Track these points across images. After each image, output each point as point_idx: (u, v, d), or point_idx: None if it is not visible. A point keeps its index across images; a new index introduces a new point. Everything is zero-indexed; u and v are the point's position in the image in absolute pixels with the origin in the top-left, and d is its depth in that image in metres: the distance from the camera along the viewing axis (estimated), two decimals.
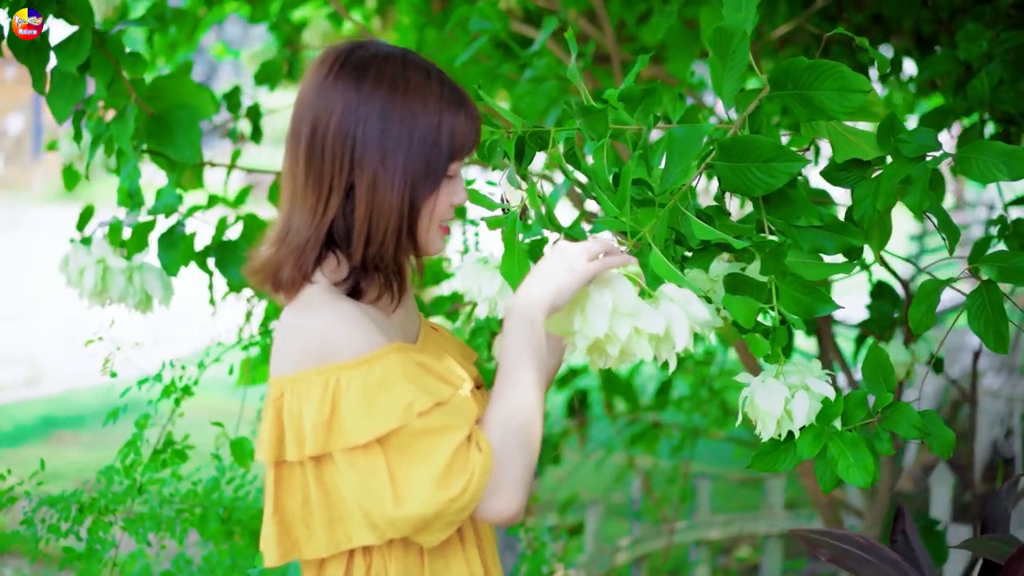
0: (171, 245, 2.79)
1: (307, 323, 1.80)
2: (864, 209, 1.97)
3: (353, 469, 1.74)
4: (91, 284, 2.66)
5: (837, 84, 1.84)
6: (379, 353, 1.77)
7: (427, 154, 1.81)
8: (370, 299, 1.89)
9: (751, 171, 1.86)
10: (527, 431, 1.79)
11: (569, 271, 1.78)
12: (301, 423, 1.77)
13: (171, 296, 2.77)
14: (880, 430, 1.94)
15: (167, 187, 2.81)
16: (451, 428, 1.74)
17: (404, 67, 1.84)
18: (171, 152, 2.77)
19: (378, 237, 1.82)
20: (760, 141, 1.85)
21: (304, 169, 1.83)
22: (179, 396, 2.85)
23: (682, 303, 1.80)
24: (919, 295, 1.97)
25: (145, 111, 2.75)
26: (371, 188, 1.80)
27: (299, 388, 1.77)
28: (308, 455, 1.76)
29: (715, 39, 1.88)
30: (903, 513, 2.37)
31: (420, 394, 1.75)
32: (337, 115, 1.80)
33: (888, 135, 1.93)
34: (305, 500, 1.84)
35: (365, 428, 1.72)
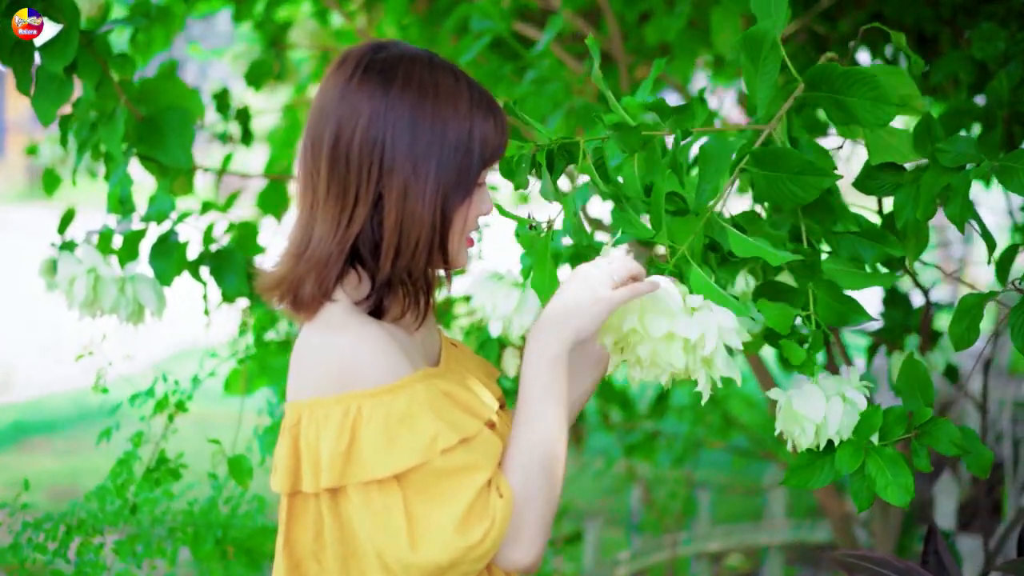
0: (164, 254, 2.67)
1: (328, 345, 1.69)
2: (906, 217, 1.92)
3: (367, 506, 1.64)
4: (82, 295, 2.54)
5: (872, 94, 1.79)
6: (404, 382, 1.67)
7: (459, 161, 1.70)
8: (393, 317, 1.78)
9: (784, 182, 1.82)
10: (549, 474, 1.69)
11: (595, 302, 1.70)
12: (318, 453, 1.66)
13: (164, 307, 2.65)
14: (918, 446, 1.87)
15: (159, 193, 2.70)
16: (474, 468, 1.64)
17: (432, 70, 1.73)
18: (163, 156, 2.66)
19: (408, 249, 1.71)
20: (791, 153, 1.80)
21: (326, 178, 1.71)
22: (172, 412, 2.73)
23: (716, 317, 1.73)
24: (960, 310, 1.89)
25: (135, 114, 2.63)
26: (401, 197, 1.68)
27: (317, 415, 1.66)
28: (323, 487, 1.66)
29: (746, 44, 1.81)
30: (935, 533, 2.27)
31: (445, 428, 1.65)
32: (364, 120, 1.68)
33: (925, 139, 1.86)
34: (318, 533, 1.73)
35: (385, 462, 1.62)
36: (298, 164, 1.77)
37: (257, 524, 2.81)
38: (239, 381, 3.09)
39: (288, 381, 1.76)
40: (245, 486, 2.72)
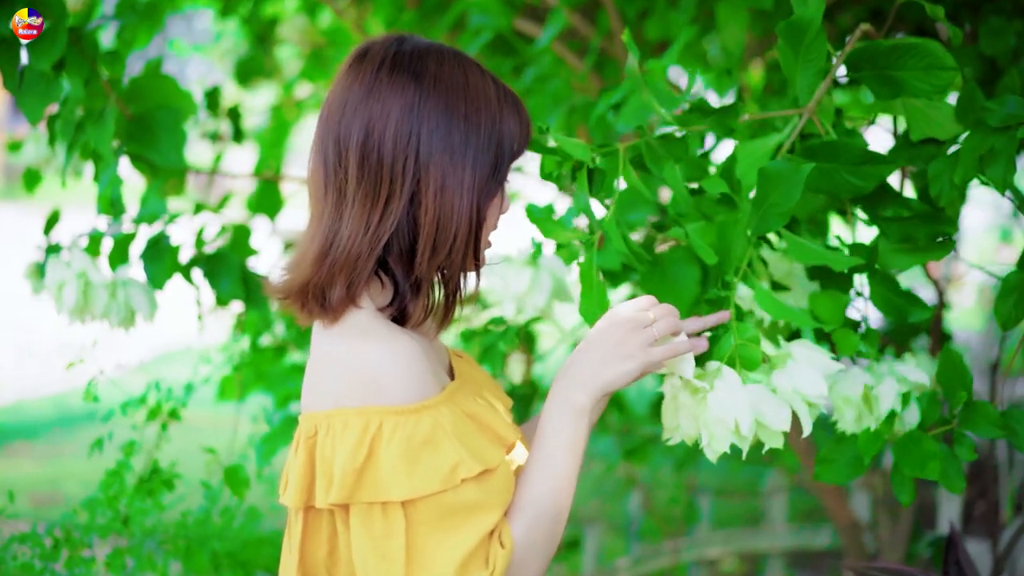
0: (156, 257, 2.60)
1: (354, 355, 1.61)
2: (941, 185, 1.88)
3: (367, 528, 1.57)
4: (72, 300, 2.46)
5: (923, 62, 1.79)
6: (431, 403, 1.59)
7: (493, 155, 1.65)
8: (415, 323, 1.71)
9: (840, 173, 1.81)
10: (552, 529, 1.64)
11: (628, 358, 1.66)
12: (332, 466, 1.58)
13: (155, 312, 2.57)
14: (959, 434, 1.85)
15: (151, 194, 2.61)
16: (484, 509, 1.58)
17: (460, 63, 1.67)
18: (154, 156, 2.57)
19: (446, 245, 1.64)
20: (849, 144, 1.79)
21: (356, 176, 1.63)
22: (165, 421, 2.64)
23: (799, 376, 1.71)
24: (1003, 289, 1.86)
25: (124, 113, 2.55)
26: (439, 193, 1.62)
27: (335, 427, 1.58)
28: (331, 503, 1.58)
29: (787, 32, 1.79)
30: (956, 542, 2.21)
31: (468, 457, 1.58)
32: (396, 115, 1.61)
33: (968, 108, 1.82)
34: (332, 549, 1.66)
35: (402, 485, 1.54)
36: (314, 163, 1.69)
37: (252, 535, 2.73)
38: (233, 387, 3.00)
39: (304, 390, 1.68)
40: (242, 497, 2.63)
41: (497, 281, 2.31)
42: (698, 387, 1.71)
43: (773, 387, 1.71)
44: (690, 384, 1.72)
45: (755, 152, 1.90)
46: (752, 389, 1.69)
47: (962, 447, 1.84)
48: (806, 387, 1.71)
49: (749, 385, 1.70)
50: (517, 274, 2.28)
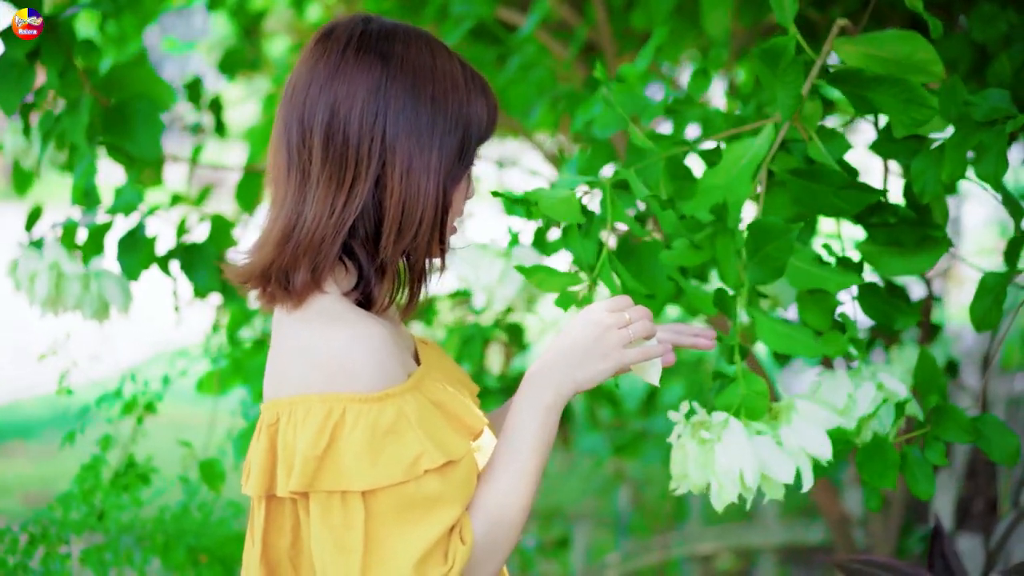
0: (131, 248, 2.56)
1: (319, 340, 1.57)
2: (925, 183, 1.86)
3: (325, 518, 1.53)
4: (44, 291, 2.43)
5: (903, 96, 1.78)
6: (396, 391, 1.55)
7: (460, 138, 1.62)
8: (380, 307, 1.67)
9: (827, 195, 1.85)
10: (513, 526, 1.60)
11: (603, 358, 1.63)
12: (293, 455, 1.54)
13: (130, 303, 2.54)
14: (931, 438, 1.83)
15: (127, 185, 2.58)
16: (446, 502, 1.54)
17: (428, 45, 1.64)
18: (130, 147, 2.53)
19: (411, 230, 1.61)
20: (834, 172, 1.83)
21: (320, 157, 1.59)
22: (141, 414, 2.60)
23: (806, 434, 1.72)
24: (980, 289, 1.84)
25: (100, 103, 2.51)
26: (404, 175, 1.59)
27: (297, 413, 1.54)
28: (290, 491, 1.54)
29: (764, 56, 1.81)
30: (941, 534, 2.18)
31: (431, 448, 1.54)
32: (363, 94, 1.58)
33: (951, 102, 1.78)
34: (295, 540, 1.63)
35: (364, 475, 1.51)
36: (277, 145, 1.65)
37: (231, 531, 2.69)
38: (212, 381, 2.96)
39: (266, 377, 1.64)
40: (218, 491, 2.60)
41: (468, 271, 2.27)
42: (705, 438, 1.71)
43: (779, 440, 1.72)
44: (697, 434, 1.72)
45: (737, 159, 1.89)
46: (758, 441, 1.71)
47: (933, 451, 1.81)
48: (811, 446, 1.72)
49: (756, 437, 1.71)
50: (488, 265, 2.24)
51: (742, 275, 1.84)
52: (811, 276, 1.86)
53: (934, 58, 1.80)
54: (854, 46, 1.85)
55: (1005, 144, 1.73)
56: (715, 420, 1.74)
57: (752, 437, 1.71)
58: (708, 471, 1.71)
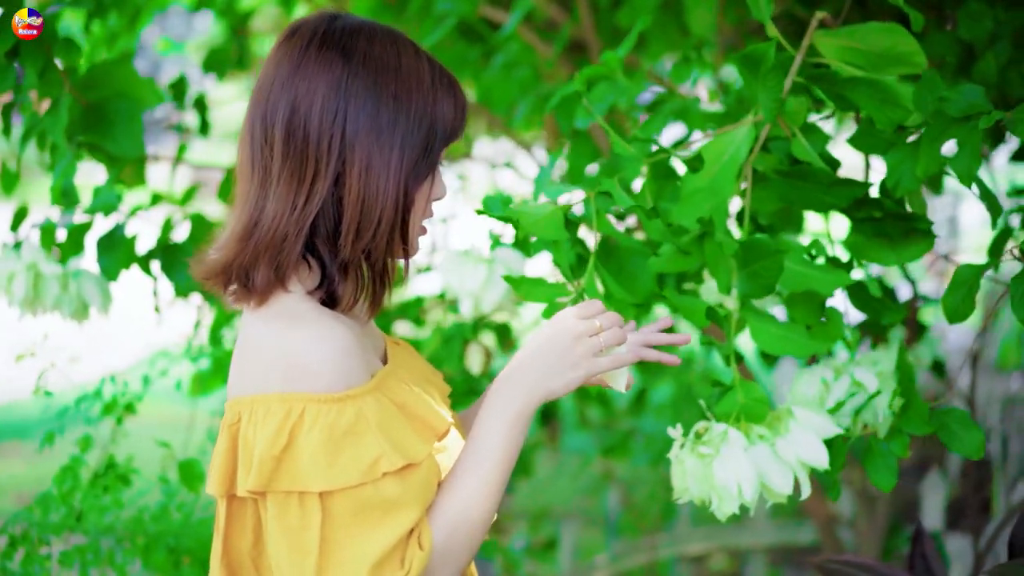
0: (110, 248, 2.54)
1: (281, 338, 1.55)
2: (900, 176, 1.85)
3: (281, 519, 1.52)
4: (22, 292, 2.41)
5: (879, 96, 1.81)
6: (357, 392, 1.53)
7: (422, 138, 1.59)
8: (345, 306, 1.65)
9: (813, 192, 1.86)
10: (473, 534, 1.59)
11: (573, 367, 1.62)
12: (252, 453, 1.52)
13: (110, 304, 2.52)
14: (895, 430, 1.84)
15: (105, 185, 2.56)
16: (404, 506, 1.52)
17: (393, 42, 1.61)
18: (110, 146, 2.52)
19: (370, 228, 1.58)
20: (821, 171, 1.83)
21: (281, 154, 1.57)
22: (121, 415, 2.59)
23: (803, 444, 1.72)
24: (955, 282, 1.83)
25: (80, 102, 2.50)
26: (364, 172, 1.56)
27: (258, 412, 1.53)
28: (247, 489, 1.52)
29: (744, 61, 1.82)
30: (923, 535, 2.16)
31: (390, 450, 1.52)
32: (323, 91, 1.56)
33: (927, 95, 1.76)
34: (257, 539, 1.62)
35: (321, 476, 1.49)
36: (242, 141, 1.64)
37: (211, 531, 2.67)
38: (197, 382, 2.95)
39: (231, 375, 1.63)
40: (196, 492, 2.58)
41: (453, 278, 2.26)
42: (703, 453, 1.70)
43: (776, 452, 1.72)
44: (696, 449, 1.71)
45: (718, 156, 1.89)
46: (756, 452, 1.71)
47: (897, 443, 1.82)
48: (809, 455, 1.72)
49: (753, 449, 1.71)
50: (472, 271, 2.23)
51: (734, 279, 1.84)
52: (800, 276, 1.87)
53: (916, 50, 1.80)
54: (834, 39, 1.84)
55: (979, 140, 1.71)
56: (714, 432, 1.73)
57: (750, 449, 1.71)
58: (708, 485, 1.71)
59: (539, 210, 1.85)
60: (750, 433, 1.74)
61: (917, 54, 1.81)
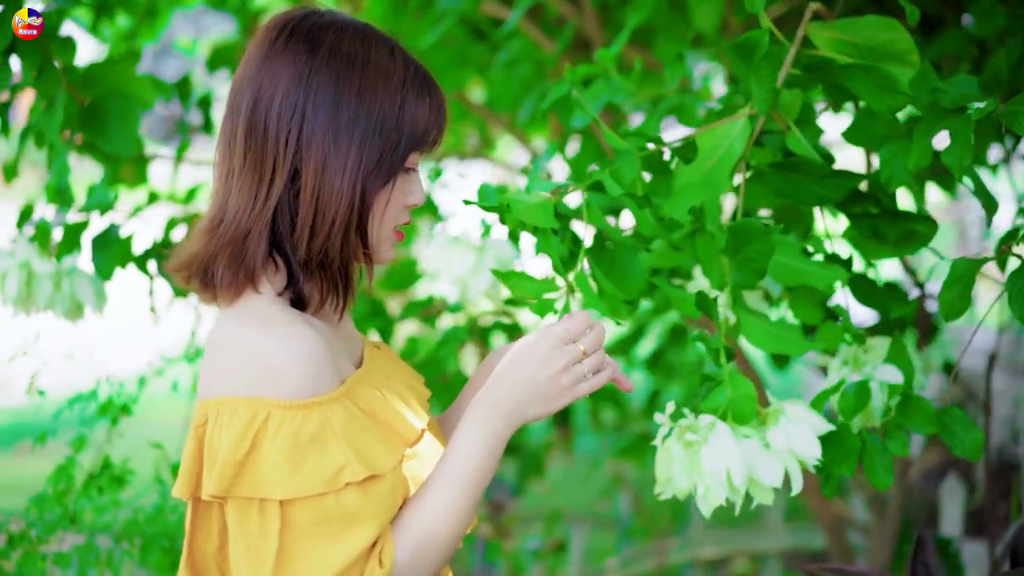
0: (105, 247, 2.52)
1: (249, 340, 1.52)
2: (893, 170, 1.81)
3: (242, 524, 1.48)
4: (14, 291, 2.39)
5: (877, 83, 1.77)
6: (323, 399, 1.50)
7: (385, 139, 1.55)
8: (315, 307, 1.61)
9: (806, 184, 1.84)
10: (441, 552, 1.55)
11: (557, 396, 1.60)
12: (217, 457, 1.49)
13: (104, 303, 2.50)
14: (893, 428, 1.80)
15: (100, 183, 2.55)
16: (364, 520, 1.48)
17: (365, 39, 1.57)
18: (104, 144, 2.51)
19: (324, 230, 1.54)
20: (815, 163, 1.82)
21: (243, 148, 1.55)
22: (116, 416, 2.57)
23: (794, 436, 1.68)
24: (950, 277, 1.78)
25: (77, 100, 2.48)
26: (319, 172, 1.53)
27: (224, 415, 1.49)
28: (209, 494, 1.49)
29: (738, 50, 1.79)
30: (924, 543, 2.12)
31: (355, 460, 1.49)
32: (284, 86, 1.53)
33: (922, 87, 1.73)
34: (222, 544, 1.58)
35: (283, 484, 1.46)
36: (218, 134, 1.62)
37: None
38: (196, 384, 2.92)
39: (200, 376, 1.59)
40: None
41: (440, 264, 2.23)
42: (691, 440, 1.66)
43: (767, 442, 1.68)
44: (683, 437, 1.67)
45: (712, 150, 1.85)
46: (745, 444, 1.66)
47: (895, 442, 1.78)
48: (800, 447, 1.68)
49: (744, 440, 1.67)
50: (460, 257, 2.20)
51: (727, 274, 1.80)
52: (796, 272, 1.83)
53: (911, 47, 1.78)
54: (829, 32, 1.81)
55: (971, 132, 1.67)
56: (702, 423, 1.69)
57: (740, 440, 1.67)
58: (694, 474, 1.67)
59: (530, 199, 1.82)
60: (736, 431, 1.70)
61: (912, 51, 1.78)
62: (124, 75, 2.56)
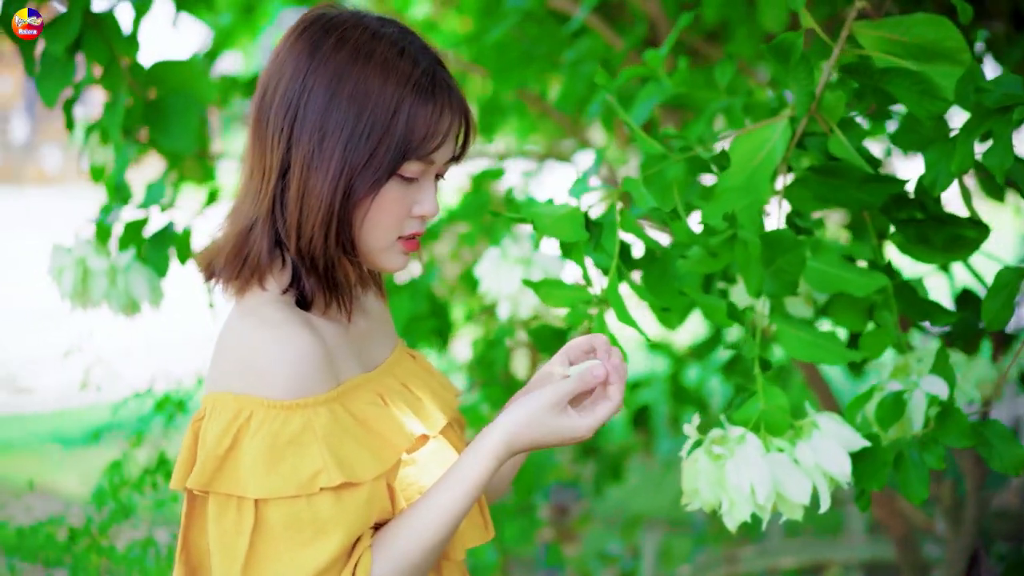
0: (161, 244, 2.53)
1: (246, 339, 1.52)
2: (936, 174, 1.76)
3: (219, 519, 1.48)
4: (70, 286, 2.42)
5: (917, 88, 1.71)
6: (308, 402, 1.48)
7: (374, 142, 1.51)
8: (319, 306, 1.60)
9: (849, 189, 1.79)
10: (420, 570, 1.52)
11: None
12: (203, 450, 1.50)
13: (161, 299, 2.51)
14: (930, 441, 1.73)
15: (159, 180, 2.58)
16: (335, 529, 1.47)
17: (373, 37, 1.54)
18: (166, 141, 2.53)
19: (307, 230, 1.53)
20: (853, 168, 1.77)
21: (249, 141, 1.57)
22: (172, 412, 2.59)
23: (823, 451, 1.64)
24: (994, 286, 1.74)
25: (141, 97, 2.51)
26: (304, 170, 1.52)
27: (216, 409, 1.50)
28: (190, 486, 1.49)
29: (774, 52, 1.74)
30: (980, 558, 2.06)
31: (333, 465, 1.47)
32: (284, 83, 1.53)
33: (968, 89, 1.65)
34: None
35: (258, 483, 1.45)
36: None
37: None
38: None
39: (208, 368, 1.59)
40: None
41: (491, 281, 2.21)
42: (718, 454, 1.64)
43: (795, 458, 1.64)
44: (711, 449, 1.65)
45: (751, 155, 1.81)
46: (773, 458, 1.63)
47: (931, 455, 1.71)
48: (828, 463, 1.64)
49: (771, 454, 1.63)
50: (508, 273, 2.17)
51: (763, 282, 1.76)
52: (834, 279, 1.79)
53: (962, 46, 1.71)
54: (875, 31, 1.75)
55: (1011, 132, 1.62)
56: (732, 435, 1.66)
57: (768, 454, 1.63)
58: (719, 488, 1.63)
59: (556, 210, 1.78)
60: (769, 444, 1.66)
61: (963, 50, 1.70)
62: (188, 72, 2.58)
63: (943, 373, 1.76)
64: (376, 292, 1.80)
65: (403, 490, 1.57)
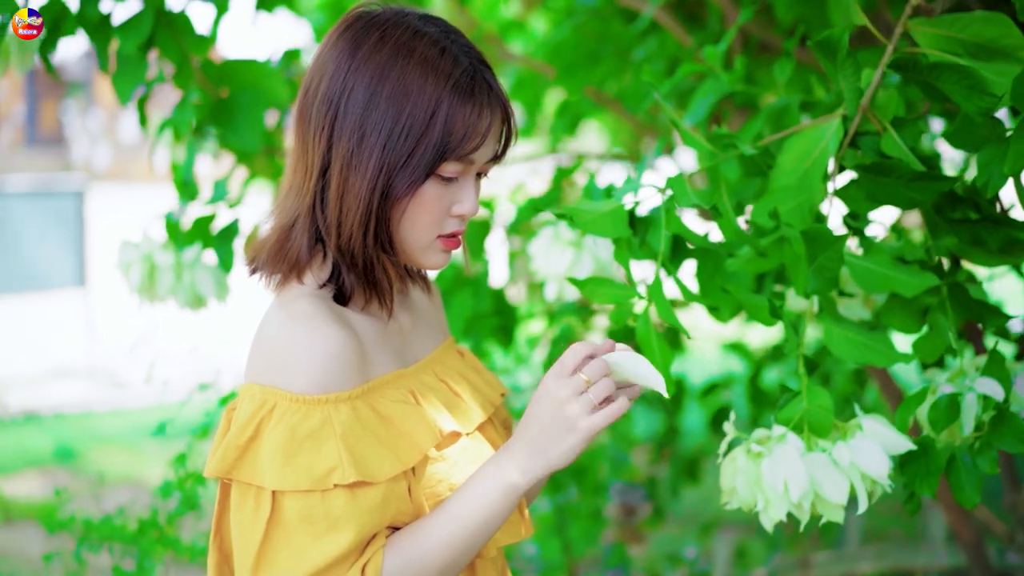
0: (227, 239, 2.57)
1: (278, 332, 1.53)
2: (989, 175, 1.71)
3: (240, 507, 1.50)
4: (137, 281, 2.46)
5: (966, 83, 1.66)
6: (330, 397, 1.49)
7: (412, 142, 1.51)
8: (360, 303, 1.61)
9: (898, 188, 1.73)
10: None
11: (570, 431, 1.49)
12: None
13: (227, 294, 2.55)
14: (984, 445, 1.71)
15: (225, 177, 2.61)
16: (347, 526, 1.47)
17: (414, 36, 1.53)
18: (233, 138, 2.57)
19: (347, 227, 1.54)
20: (901, 165, 1.72)
21: (293, 135, 1.59)
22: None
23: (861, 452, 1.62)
24: None
25: (211, 95, 2.54)
26: (344, 169, 1.52)
27: (244, 399, 1.52)
28: (210, 474, 1.51)
29: (821, 48, 1.72)
30: None
31: (348, 463, 1.47)
32: (326, 80, 1.54)
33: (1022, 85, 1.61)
34: None
35: (275, 474, 1.46)
36: None
37: None
38: None
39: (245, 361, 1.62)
40: None
41: (540, 261, 2.20)
42: (755, 451, 1.63)
43: (834, 460, 1.63)
44: (749, 448, 1.64)
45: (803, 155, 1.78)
46: (811, 458, 1.61)
47: (984, 459, 1.68)
48: (867, 463, 1.62)
49: (810, 455, 1.62)
50: (559, 254, 2.16)
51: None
52: (883, 279, 1.77)
53: (1021, 44, 1.67)
54: (932, 28, 1.71)
55: None
56: (773, 434, 1.65)
57: (807, 454, 1.61)
58: (756, 486, 1.62)
59: (596, 207, 1.77)
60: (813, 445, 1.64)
61: (1021, 48, 1.66)
62: (256, 71, 2.61)
63: (998, 375, 1.72)
64: (423, 287, 1.80)
65: (432, 486, 1.57)
